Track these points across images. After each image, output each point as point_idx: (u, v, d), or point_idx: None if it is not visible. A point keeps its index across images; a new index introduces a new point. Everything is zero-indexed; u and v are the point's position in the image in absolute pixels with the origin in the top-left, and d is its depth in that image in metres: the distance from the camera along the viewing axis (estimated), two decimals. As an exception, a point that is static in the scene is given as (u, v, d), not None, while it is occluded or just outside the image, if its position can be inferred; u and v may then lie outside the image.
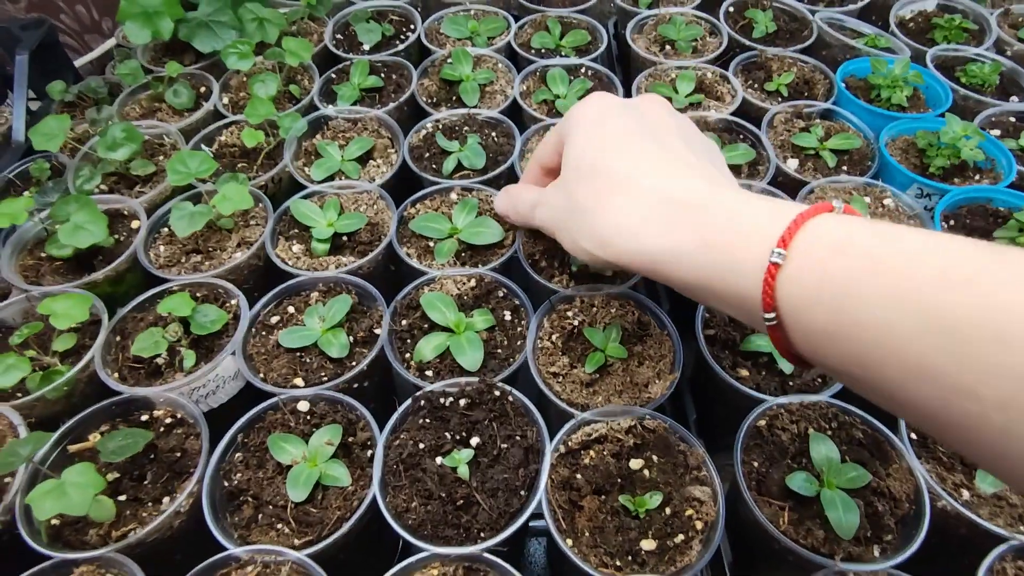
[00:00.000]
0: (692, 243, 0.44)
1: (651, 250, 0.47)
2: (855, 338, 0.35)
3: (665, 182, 0.48)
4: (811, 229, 0.39)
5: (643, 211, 0.48)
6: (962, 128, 0.85)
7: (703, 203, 0.46)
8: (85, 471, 0.55)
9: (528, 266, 0.75)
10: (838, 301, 0.36)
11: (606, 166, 0.51)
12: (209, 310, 0.72)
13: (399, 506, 0.57)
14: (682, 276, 0.46)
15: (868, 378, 0.36)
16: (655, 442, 0.63)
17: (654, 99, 0.58)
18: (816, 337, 0.38)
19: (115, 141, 0.84)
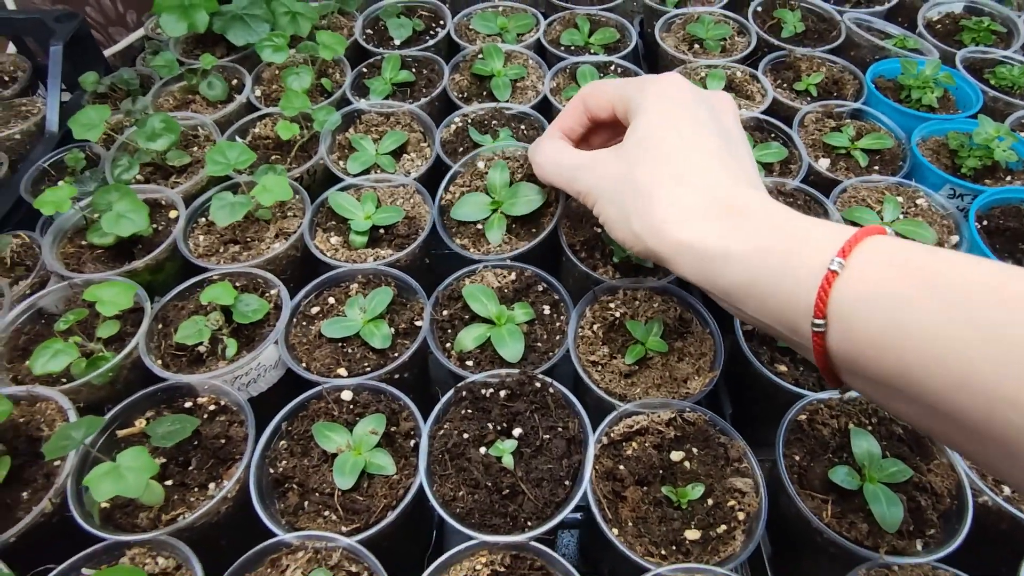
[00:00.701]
0: (747, 246, 0.45)
1: (703, 247, 0.47)
2: (905, 347, 0.36)
3: (728, 184, 0.49)
4: (869, 245, 0.40)
5: (703, 208, 0.48)
6: (995, 129, 0.86)
7: (761, 211, 0.47)
8: (139, 455, 0.56)
9: (571, 254, 0.75)
10: (891, 311, 0.37)
11: (675, 153, 0.51)
12: (250, 299, 0.73)
13: (446, 495, 0.58)
14: (730, 278, 0.45)
15: (911, 390, 0.36)
16: (695, 434, 0.64)
17: (725, 97, 0.59)
18: (864, 346, 0.38)
19: (154, 131, 0.85)
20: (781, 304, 0.43)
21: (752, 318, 0.46)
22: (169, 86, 1.05)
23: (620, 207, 0.53)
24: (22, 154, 1.02)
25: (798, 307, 0.41)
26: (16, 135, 1.02)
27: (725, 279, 0.46)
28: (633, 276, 0.75)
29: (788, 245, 0.43)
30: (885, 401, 0.41)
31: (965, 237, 0.79)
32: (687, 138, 0.52)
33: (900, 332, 0.36)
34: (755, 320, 0.46)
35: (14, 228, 0.88)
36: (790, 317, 0.42)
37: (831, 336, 0.40)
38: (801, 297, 0.41)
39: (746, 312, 0.46)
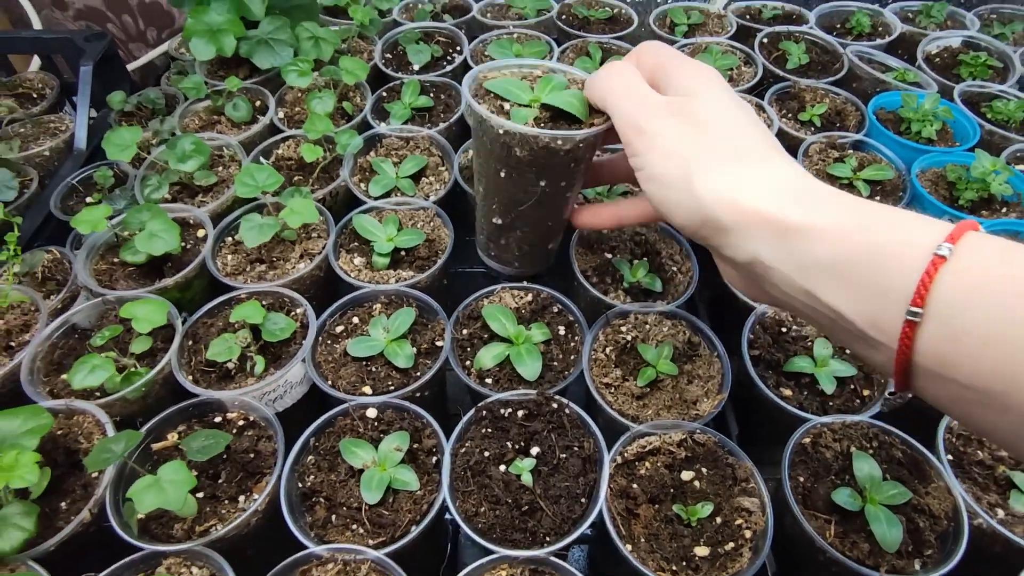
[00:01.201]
0: (837, 224, 0.40)
1: (784, 220, 0.41)
2: (1013, 342, 0.33)
3: (800, 172, 0.46)
4: (976, 236, 0.37)
5: (781, 184, 0.44)
6: (992, 163, 0.89)
7: (841, 196, 0.44)
8: (179, 469, 0.59)
9: (583, 279, 0.79)
10: (999, 306, 0.34)
11: (748, 130, 0.48)
12: (278, 318, 0.76)
13: (469, 510, 0.61)
14: (813, 256, 0.40)
15: (1015, 396, 0.33)
16: (705, 455, 0.67)
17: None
18: (965, 342, 0.35)
19: (185, 153, 0.88)
20: (870, 289, 0.38)
21: (820, 308, 0.41)
22: (194, 106, 1.08)
23: (682, 164, 0.46)
24: (50, 170, 1.06)
25: (889, 294, 0.37)
26: (45, 152, 1.05)
27: (807, 256, 0.41)
28: (643, 301, 0.78)
29: (883, 227, 0.39)
30: (969, 409, 0.37)
31: (962, 267, 0.83)
32: (757, 124, 0.49)
33: (1013, 328, 0.33)
34: (824, 309, 0.40)
35: (44, 243, 0.91)
36: (876, 306, 0.38)
37: (925, 329, 0.36)
38: (895, 283, 0.37)
39: (820, 298, 0.40)
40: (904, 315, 0.36)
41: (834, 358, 0.74)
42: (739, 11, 1.35)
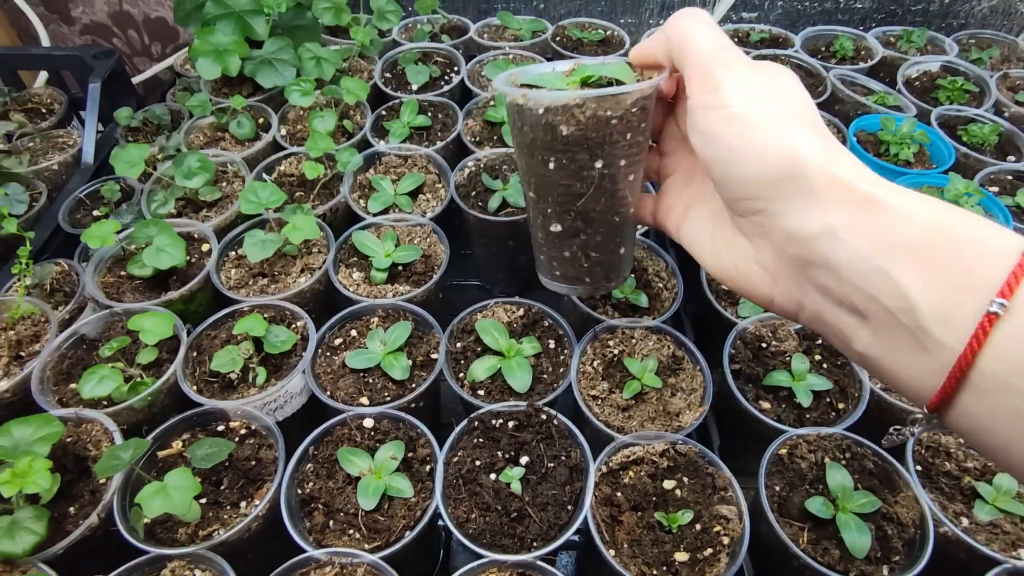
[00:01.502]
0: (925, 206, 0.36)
1: (876, 195, 0.37)
2: None
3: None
4: None
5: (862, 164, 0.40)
6: (964, 186, 0.94)
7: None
8: (184, 475, 0.62)
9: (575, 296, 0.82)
10: None
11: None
12: (280, 331, 0.79)
13: (460, 517, 0.64)
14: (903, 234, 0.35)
15: None
16: (686, 465, 0.70)
17: None
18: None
19: (191, 170, 0.92)
20: (950, 274, 0.34)
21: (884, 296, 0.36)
22: (199, 122, 1.12)
23: (776, 111, 0.40)
24: (59, 184, 1.09)
25: (971, 282, 0.33)
26: (54, 166, 1.08)
27: (889, 232, 0.36)
28: (630, 316, 0.82)
29: (971, 221, 0.36)
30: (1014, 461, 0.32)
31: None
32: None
33: None
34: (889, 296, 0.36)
35: (52, 255, 0.94)
36: (953, 294, 0.34)
37: (1006, 324, 0.31)
38: (981, 271, 0.33)
39: (894, 277, 0.35)
40: (984, 307, 0.32)
41: (811, 372, 0.78)
42: (727, 33, 1.39)
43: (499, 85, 0.51)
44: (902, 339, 0.36)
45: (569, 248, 0.56)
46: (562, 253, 0.56)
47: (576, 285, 0.59)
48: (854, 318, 0.38)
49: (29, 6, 1.49)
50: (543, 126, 0.48)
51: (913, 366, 0.36)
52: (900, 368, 0.37)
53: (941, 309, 0.34)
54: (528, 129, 0.50)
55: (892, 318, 0.36)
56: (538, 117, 0.48)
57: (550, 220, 0.55)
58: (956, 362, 0.33)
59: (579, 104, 0.47)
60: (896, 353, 0.37)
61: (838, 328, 0.40)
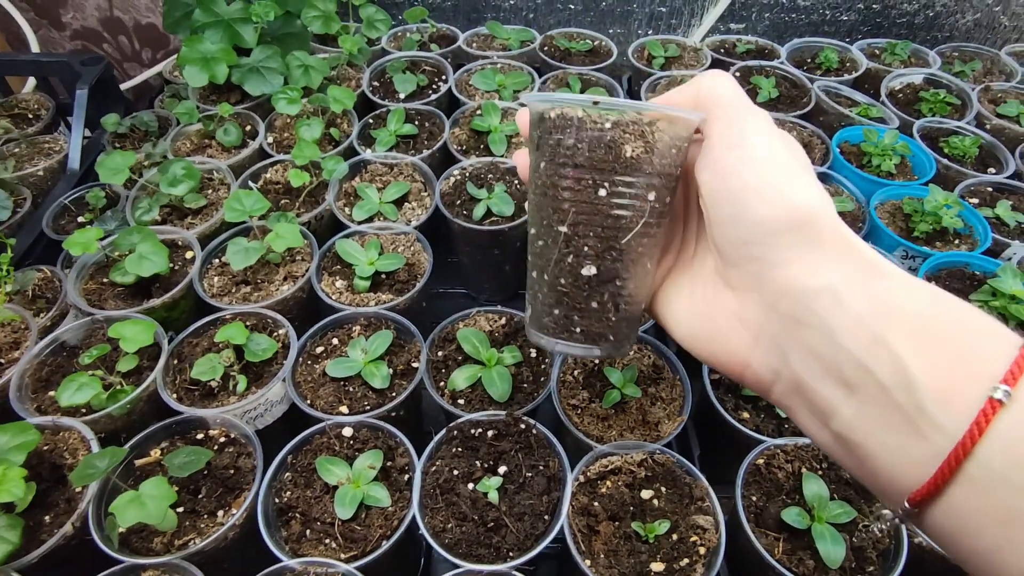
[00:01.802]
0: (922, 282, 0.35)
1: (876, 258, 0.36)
2: None
3: None
4: None
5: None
6: (944, 198, 0.95)
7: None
8: (160, 484, 0.61)
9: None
10: None
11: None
12: (261, 339, 0.79)
13: (437, 526, 0.64)
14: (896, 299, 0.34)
15: None
16: (664, 474, 0.71)
17: None
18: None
19: (176, 178, 0.92)
20: (952, 353, 0.32)
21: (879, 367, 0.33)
22: (186, 129, 1.12)
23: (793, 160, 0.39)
24: (44, 190, 1.09)
25: (975, 364, 0.31)
26: (39, 172, 1.08)
27: (889, 300, 0.34)
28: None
29: (967, 304, 0.34)
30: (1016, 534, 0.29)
31: (914, 297, 0.87)
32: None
33: None
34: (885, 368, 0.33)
35: (35, 262, 0.94)
36: (954, 373, 0.31)
37: (1009, 413, 0.29)
38: (984, 352, 0.31)
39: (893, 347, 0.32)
40: (987, 392, 0.30)
41: (790, 383, 0.78)
42: (715, 45, 1.41)
43: (543, 97, 0.44)
44: (892, 418, 0.33)
45: (599, 297, 0.47)
46: (590, 303, 0.47)
47: (596, 344, 0.49)
48: (840, 390, 0.35)
49: (19, 11, 1.49)
50: (606, 144, 0.43)
51: (901, 451, 0.32)
52: (883, 452, 0.33)
53: (941, 389, 0.31)
54: (584, 147, 0.43)
55: (885, 393, 0.33)
56: (600, 133, 0.43)
57: (583, 261, 0.46)
58: (954, 449, 0.30)
59: (654, 121, 0.42)
60: (882, 434, 0.33)
61: (818, 401, 0.36)
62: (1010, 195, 1.05)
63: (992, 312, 0.84)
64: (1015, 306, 0.82)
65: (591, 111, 0.43)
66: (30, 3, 1.57)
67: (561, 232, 0.45)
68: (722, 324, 0.42)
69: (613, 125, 0.42)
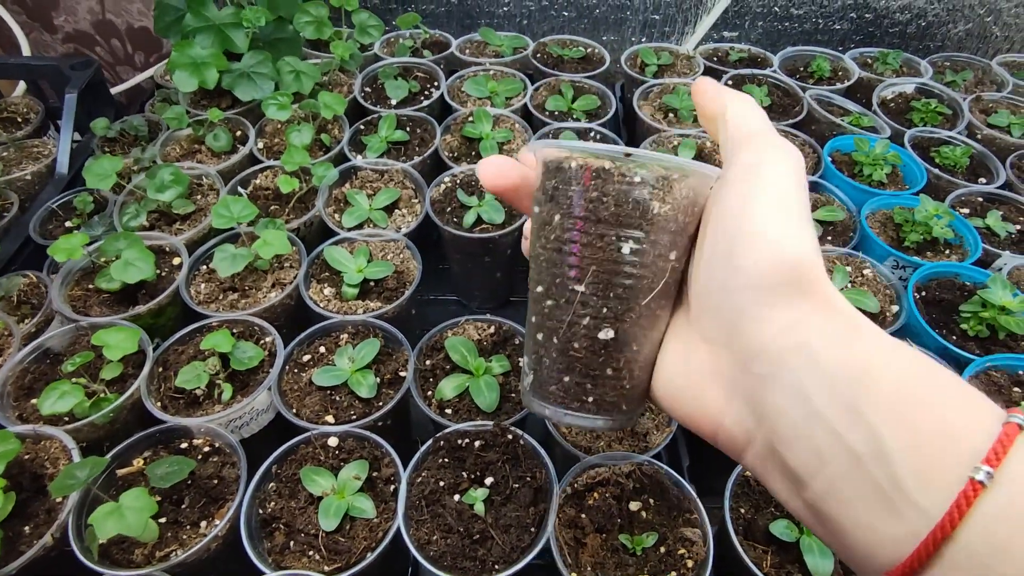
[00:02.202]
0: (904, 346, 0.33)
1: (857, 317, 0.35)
2: None
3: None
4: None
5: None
6: (934, 208, 0.95)
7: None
8: (140, 495, 0.61)
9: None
10: None
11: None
12: (247, 347, 0.78)
13: (422, 538, 0.63)
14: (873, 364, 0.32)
15: None
16: (652, 486, 0.70)
17: None
18: None
19: (164, 183, 0.91)
20: (932, 428, 0.30)
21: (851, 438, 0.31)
22: (176, 133, 1.11)
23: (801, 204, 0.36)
24: (31, 194, 1.08)
25: (957, 442, 0.29)
26: (27, 176, 1.07)
27: (866, 362, 0.32)
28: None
29: (952, 376, 0.32)
30: None
31: (904, 307, 0.87)
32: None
33: None
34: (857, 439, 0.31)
35: (21, 267, 0.93)
36: (933, 451, 0.29)
37: (991, 497, 0.27)
38: (966, 430, 0.29)
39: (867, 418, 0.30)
40: (967, 472, 0.28)
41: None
42: (707, 53, 1.41)
43: (561, 144, 0.41)
44: (866, 492, 0.30)
45: (616, 363, 0.43)
46: (605, 370, 0.43)
47: (608, 415, 0.44)
48: (814, 459, 0.32)
49: (10, 14, 1.48)
50: (633, 199, 0.40)
51: (875, 528, 0.30)
52: (857, 528, 0.31)
53: (919, 465, 0.29)
54: (609, 201, 0.40)
55: (859, 465, 0.30)
56: (629, 188, 0.40)
57: (601, 324, 0.42)
58: (932, 531, 0.28)
59: (683, 178, 0.39)
60: (856, 509, 0.31)
61: (791, 467, 0.33)
62: (1000, 205, 1.05)
63: (982, 323, 0.84)
64: (1005, 317, 0.81)
65: (620, 163, 0.39)
66: (22, 6, 1.56)
67: (577, 292, 0.42)
68: (694, 381, 0.39)
69: (642, 180, 0.40)
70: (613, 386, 0.43)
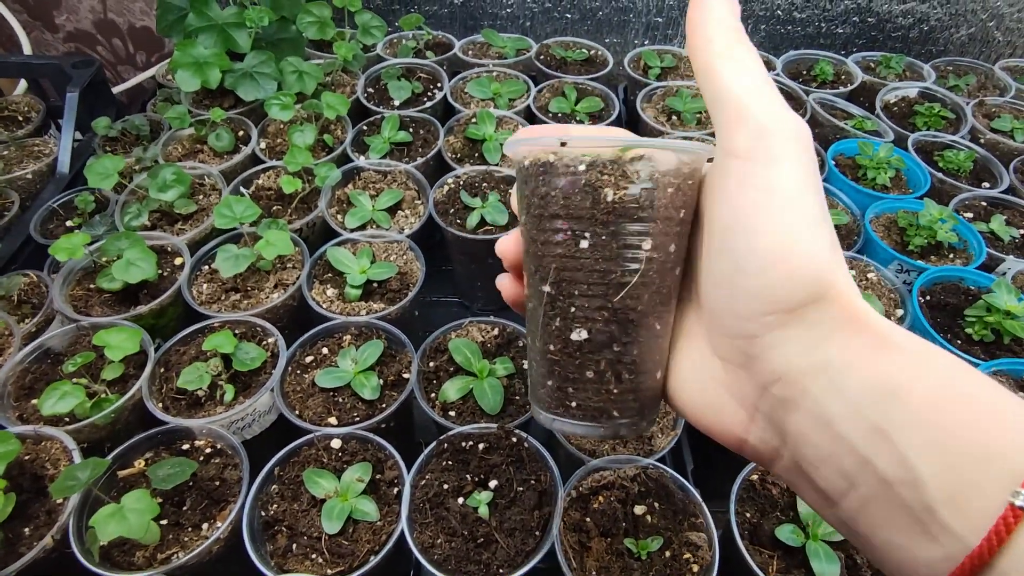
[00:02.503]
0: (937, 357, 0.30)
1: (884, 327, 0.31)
2: None
3: None
4: None
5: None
6: (938, 212, 0.94)
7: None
8: (142, 497, 0.60)
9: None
10: None
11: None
12: (250, 348, 0.78)
13: (426, 542, 0.63)
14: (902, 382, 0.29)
15: None
16: (657, 490, 0.70)
17: None
18: None
19: (165, 183, 0.91)
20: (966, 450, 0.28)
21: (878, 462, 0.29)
22: (178, 133, 1.11)
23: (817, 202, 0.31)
24: (32, 193, 1.07)
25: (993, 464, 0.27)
26: (28, 175, 1.07)
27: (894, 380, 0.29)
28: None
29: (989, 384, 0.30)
30: None
31: (909, 312, 0.87)
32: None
33: None
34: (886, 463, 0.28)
35: (22, 266, 0.93)
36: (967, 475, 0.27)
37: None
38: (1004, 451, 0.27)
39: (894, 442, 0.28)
40: (1006, 496, 0.26)
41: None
42: (710, 56, 1.40)
43: (516, 141, 0.39)
44: (897, 516, 0.29)
45: (595, 365, 0.40)
46: (584, 372, 0.41)
47: (599, 422, 0.41)
48: (842, 481, 0.30)
49: (11, 13, 1.48)
50: (581, 188, 0.37)
51: (907, 549, 0.29)
52: (890, 548, 0.29)
53: (952, 488, 0.27)
54: (556, 194, 0.38)
55: (888, 489, 0.29)
56: (575, 177, 0.37)
57: (571, 324, 0.40)
58: (969, 557, 0.26)
59: (637, 158, 0.36)
60: (887, 531, 0.29)
61: (820, 486, 0.32)
62: (1004, 210, 1.05)
63: (987, 327, 0.83)
64: (1010, 322, 0.81)
65: (562, 153, 0.37)
66: (23, 5, 1.56)
67: (544, 292, 0.40)
68: (713, 395, 0.36)
69: (588, 167, 0.37)
70: (596, 390, 0.40)
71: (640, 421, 0.40)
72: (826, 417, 0.30)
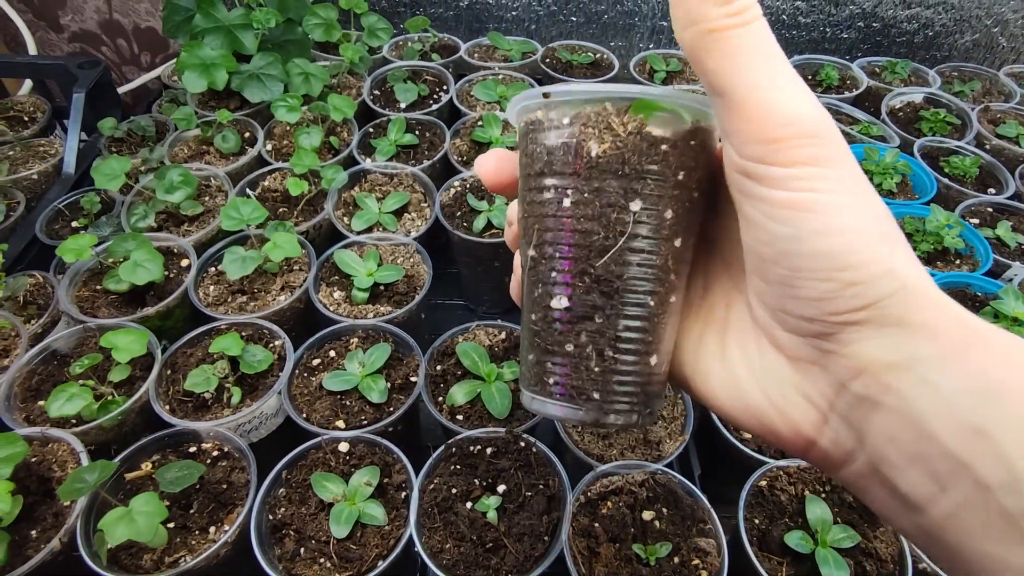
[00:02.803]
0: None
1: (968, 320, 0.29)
2: None
3: None
4: None
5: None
6: (945, 218, 0.94)
7: None
8: (150, 500, 0.60)
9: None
10: None
11: None
12: (257, 350, 0.78)
13: (434, 547, 0.63)
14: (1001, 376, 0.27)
15: None
16: (666, 495, 0.70)
17: None
18: None
19: (172, 184, 0.91)
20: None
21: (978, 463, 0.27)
22: (184, 134, 1.11)
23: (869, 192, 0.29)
24: (38, 194, 1.07)
25: None
26: (34, 175, 1.07)
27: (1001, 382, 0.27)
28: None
29: None
30: None
31: (916, 317, 0.87)
32: None
33: None
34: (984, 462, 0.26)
35: (27, 267, 0.93)
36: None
37: None
38: None
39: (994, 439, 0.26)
40: None
41: (792, 402, 0.77)
42: (716, 60, 1.41)
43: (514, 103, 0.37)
44: (995, 524, 0.27)
45: (575, 338, 0.36)
46: (564, 346, 0.37)
47: (578, 404, 0.36)
48: (931, 485, 0.28)
49: (17, 13, 1.47)
50: (565, 142, 0.35)
51: (1003, 560, 0.27)
52: (983, 560, 0.27)
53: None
54: (543, 151, 0.35)
55: (986, 495, 0.27)
56: (559, 131, 0.35)
57: (551, 290, 0.36)
58: None
59: (623, 109, 0.34)
60: (982, 541, 0.27)
61: (902, 491, 0.29)
62: (1010, 216, 1.05)
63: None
64: (1018, 328, 0.81)
65: (548, 108, 0.35)
66: (28, 5, 1.56)
67: (529, 256, 0.37)
68: (775, 395, 0.33)
69: (572, 119, 0.34)
70: (575, 366, 0.36)
71: (630, 413, 0.36)
72: (916, 415, 0.28)
